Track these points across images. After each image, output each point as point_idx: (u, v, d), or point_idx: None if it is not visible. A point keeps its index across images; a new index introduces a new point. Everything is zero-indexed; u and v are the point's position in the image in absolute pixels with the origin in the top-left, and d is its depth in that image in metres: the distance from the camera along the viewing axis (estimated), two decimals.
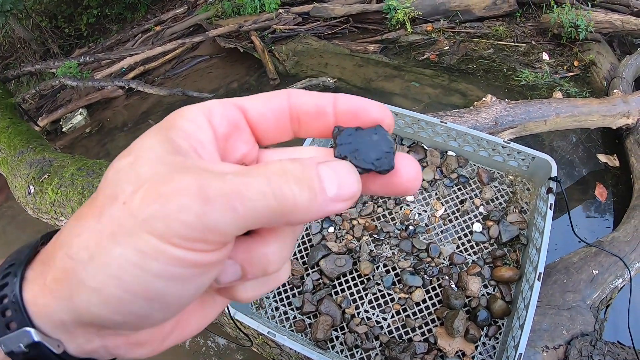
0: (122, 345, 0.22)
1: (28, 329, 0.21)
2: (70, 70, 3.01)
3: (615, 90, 1.99)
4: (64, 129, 3.12)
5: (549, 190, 1.19)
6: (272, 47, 2.89)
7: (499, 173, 1.34)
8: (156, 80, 3.14)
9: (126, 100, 3.14)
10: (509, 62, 2.49)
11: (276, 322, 1.21)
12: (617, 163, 1.92)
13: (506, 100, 1.66)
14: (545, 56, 2.52)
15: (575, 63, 2.45)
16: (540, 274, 1.06)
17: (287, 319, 1.21)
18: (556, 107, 1.70)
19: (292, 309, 1.22)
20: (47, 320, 0.21)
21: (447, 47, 2.70)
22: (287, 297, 1.24)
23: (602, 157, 1.95)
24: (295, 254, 1.29)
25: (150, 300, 0.20)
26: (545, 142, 1.96)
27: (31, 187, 1.81)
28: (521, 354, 0.98)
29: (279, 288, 1.26)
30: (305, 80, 2.56)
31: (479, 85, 2.35)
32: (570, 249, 1.40)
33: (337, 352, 1.16)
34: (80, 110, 3.17)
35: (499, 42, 2.66)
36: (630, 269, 1.37)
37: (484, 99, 1.64)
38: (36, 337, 0.21)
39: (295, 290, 1.24)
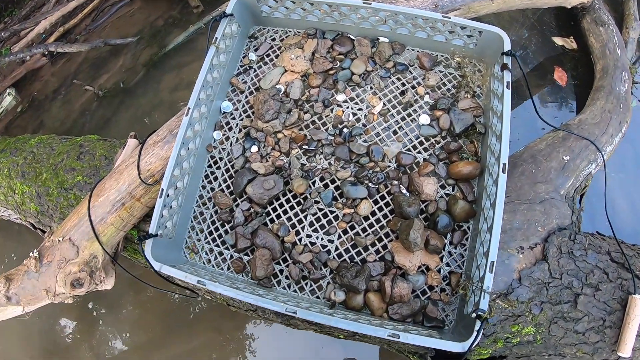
0: None
1: None
2: None
3: None
4: None
5: (504, 67, 1.01)
6: None
7: (442, 55, 1.15)
8: (79, 37, 2.87)
9: (52, 67, 2.91)
10: None
11: (213, 266, 1.04)
12: (574, 45, 1.78)
13: None
14: None
15: None
16: (504, 164, 0.90)
17: (224, 260, 1.05)
18: None
19: (226, 248, 1.06)
20: None
21: None
22: (220, 236, 1.07)
23: (558, 40, 1.80)
24: (220, 185, 1.11)
25: None
26: None
27: None
28: (493, 261, 0.82)
29: (209, 227, 1.08)
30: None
31: None
32: (535, 137, 1.24)
33: (283, 287, 1.01)
34: (7, 90, 2.93)
35: None
36: (603, 153, 1.23)
37: None
38: None
39: (227, 226, 1.07)
